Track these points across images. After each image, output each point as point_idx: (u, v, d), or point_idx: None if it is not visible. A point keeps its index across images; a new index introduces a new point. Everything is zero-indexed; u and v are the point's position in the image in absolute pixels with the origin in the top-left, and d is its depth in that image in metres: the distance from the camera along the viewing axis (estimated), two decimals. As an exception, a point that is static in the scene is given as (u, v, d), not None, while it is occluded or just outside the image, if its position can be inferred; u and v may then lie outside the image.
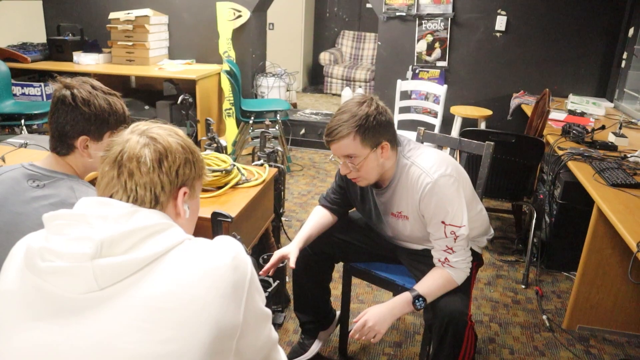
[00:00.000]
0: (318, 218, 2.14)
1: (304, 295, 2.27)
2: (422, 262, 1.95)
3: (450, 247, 1.79)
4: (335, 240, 2.15)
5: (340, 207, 2.15)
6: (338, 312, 2.42)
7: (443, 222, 1.76)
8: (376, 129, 1.71)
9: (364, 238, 2.16)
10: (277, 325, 2.51)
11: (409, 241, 2.02)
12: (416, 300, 1.76)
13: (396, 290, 2.07)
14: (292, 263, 1.92)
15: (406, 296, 1.78)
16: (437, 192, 1.74)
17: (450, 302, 1.78)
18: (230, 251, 0.94)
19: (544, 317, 2.71)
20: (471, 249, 1.92)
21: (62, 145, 1.46)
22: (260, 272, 1.95)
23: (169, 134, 1.02)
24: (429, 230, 1.84)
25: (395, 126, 1.92)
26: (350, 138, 1.69)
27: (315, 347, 2.32)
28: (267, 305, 1.03)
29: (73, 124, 1.43)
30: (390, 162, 1.82)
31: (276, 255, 1.96)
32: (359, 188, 2.01)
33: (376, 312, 1.76)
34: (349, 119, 1.69)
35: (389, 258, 2.15)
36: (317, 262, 2.17)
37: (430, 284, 1.79)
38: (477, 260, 2.02)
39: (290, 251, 1.96)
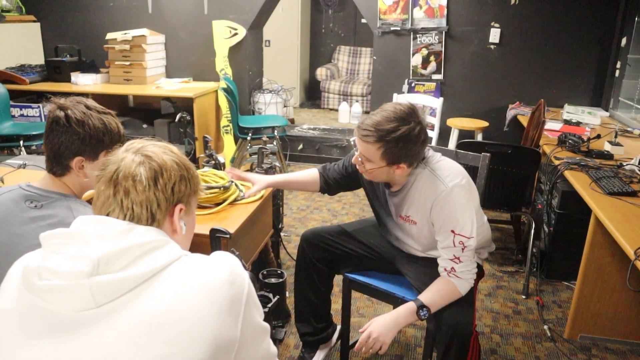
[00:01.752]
0: (306, 175, 2.20)
1: (304, 305, 2.28)
2: (423, 271, 1.96)
3: (457, 257, 1.79)
4: (336, 249, 2.17)
5: (333, 185, 2.17)
6: (339, 327, 2.41)
7: (453, 231, 1.77)
8: (402, 151, 1.70)
9: (365, 247, 2.17)
10: (278, 341, 2.50)
11: (412, 247, 2.03)
12: (420, 310, 1.76)
13: (396, 302, 2.07)
14: (251, 192, 2.09)
15: (410, 306, 1.78)
16: (450, 201, 1.76)
17: (455, 312, 1.78)
18: (226, 266, 0.95)
19: (545, 327, 2.70)
20: None
21: (57, 165, 1.46)
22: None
23: (163, 151, 1.03)
24: (438, 238, 1.84)
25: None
26: (375, 146, 1.70)
27: None
28: (267, 320, 1.04)
29: (68, 145, 1.44)
30: (404, 174, 1.82)
31: (246, 175, 2.15)
32: (374, 183, 2.04)
33: (380, 322, 1.76)
34: (384, 130, 1.67)
35: (389, 269, 2.15)
36: (317, 271, 2.19)
37: (434, 294, 1.79)
38: (478, 271, 2.03)
39: (258, 181, 2.12)
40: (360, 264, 2.18)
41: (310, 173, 2.21)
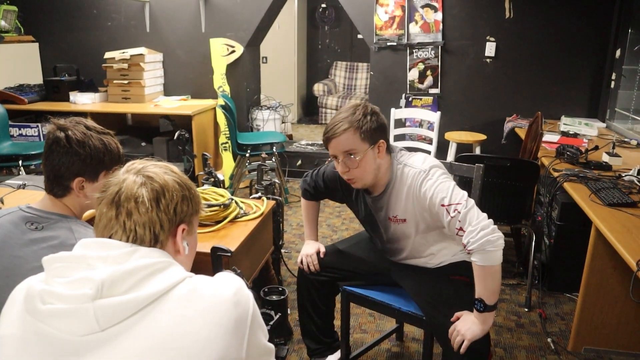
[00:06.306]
0: (314, 212, 2.41)
1: (309, 323, 2.30)
2: (420, 282, 1.97)
3: (460, 228, 1.73)
4: (335, 270, 2.20)
5: (321, 197, 2.36)
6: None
7: (443, 205, 1.75)
8: (373, 126, 1.80)
9: (360, 263, 2.19)
10: (281, 358, 2.48)
11: (410, 253, 2.02)
12: (475, 305, 1.76)
13: (394, 314, 2.08)
14: (322, 254, 2.22)
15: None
16: (430, 178, 1.80)
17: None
18: (231, 287, 0.95)
19: (549, 339, 2.69)
20: None
21: (58, 187, 1.46)
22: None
23: (164, 171, 1.03)
24: (437, 220, 1.81)
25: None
26: (350, 132, 1.78)
27: None
28: (270, 338, 1.03)
29: (68, 166, 1.43)
30: (385, 165, 1.88)
31: (312, 252, 2.25)
32: (354, 193, 2.06)
33: (462, 324, 1.76)
34: (348, 116, 1.80)
35: (386, 281, 2.15)
36: (317, 292, 2.23)
37: (478, 285, 1.77)
38: None
39: (319, 245, 2.27)
40: (359, 281, 2.20)
41: (313, 208, 2.42)
